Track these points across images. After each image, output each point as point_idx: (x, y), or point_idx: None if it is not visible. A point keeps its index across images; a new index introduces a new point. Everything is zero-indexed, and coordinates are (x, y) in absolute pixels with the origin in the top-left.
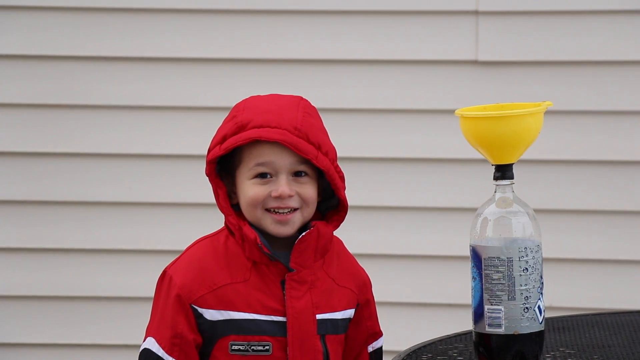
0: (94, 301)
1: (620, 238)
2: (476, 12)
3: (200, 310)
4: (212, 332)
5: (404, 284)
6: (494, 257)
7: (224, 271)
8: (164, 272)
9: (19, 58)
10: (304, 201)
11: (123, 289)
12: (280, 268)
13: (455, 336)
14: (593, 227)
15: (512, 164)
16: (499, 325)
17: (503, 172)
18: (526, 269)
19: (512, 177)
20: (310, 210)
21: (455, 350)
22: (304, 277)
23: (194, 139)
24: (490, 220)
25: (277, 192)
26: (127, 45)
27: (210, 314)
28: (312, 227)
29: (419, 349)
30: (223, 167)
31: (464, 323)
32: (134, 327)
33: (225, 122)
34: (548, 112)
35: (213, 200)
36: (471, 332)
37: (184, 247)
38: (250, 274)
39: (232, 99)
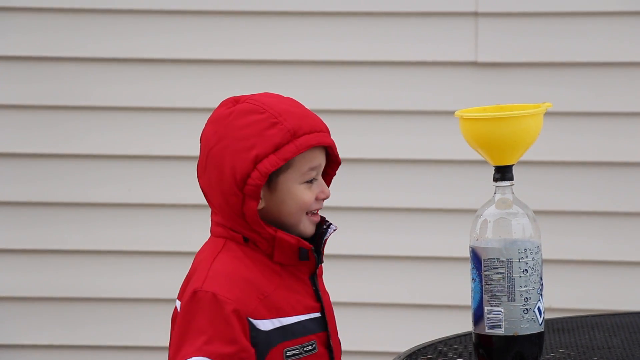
0: (93, 302)
1: (620, 239)
2: (476, 14)
3: (254, 322)
4: (265, 343)
5: (403, 285)
6: (494, 259)
7: (262, 279)
8: (201, 291)
9: (17, 59)
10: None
11: (122, 290)
12: (307, 265)
13: (454, 337)
14: (592, 228)
15: (512, 165)
16: (499, 327)
17: (503, 173)
18: (526, 270)
19: (511, 179)
20: None
21: (455, 352)
22: (320, 271)
23: (193, 141)
24: (490, 221)
25: (324, 194)
26: (125, 47)
27: (264, 324)
28: (329, 224)
29: (419, 350)
30: None
31: (464, 324)
32: (133, 329)
33: (264, 128)
34: (547, 113)
35: None
36: (471, 334)
37: (183, 249)
38: (282, 277)
39: None
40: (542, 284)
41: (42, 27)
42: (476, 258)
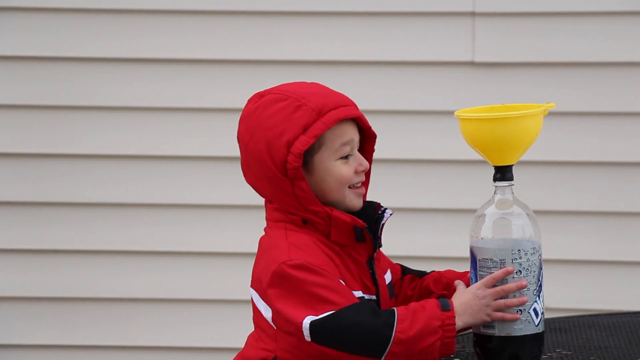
0: (90, 302)
1: (617, 239)
2: (473, 14)
3: (342, 283)
4: None
5: None
6: (487, 259)
7: (331, 252)
8: (290, 261)
9: (16, 59)
10: (367, 171)
11: (120, 290)
12: (365, 248)
13: None
14: (590, 228)
15: (512, 165)
16: (492, 327)
17: (503, 173)
18: (519, 271)
19: (511, 179)
20: None
21: None
22: (377, 255)
23: (191, 140)
24: (486, 221)
25: (362, 166)
26: (123, 47)
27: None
28: (383, 207)
29: None
30: None
31: None
32: (131, 329)
33: (290, 112)
34: (548, 113)
35: (210, 201)
36: (469, 333)
37: (181, 248)
38: (341, 257)
39: (230, 101)
40: (540, 285)
41: (38, 27)
42: (473, 257)
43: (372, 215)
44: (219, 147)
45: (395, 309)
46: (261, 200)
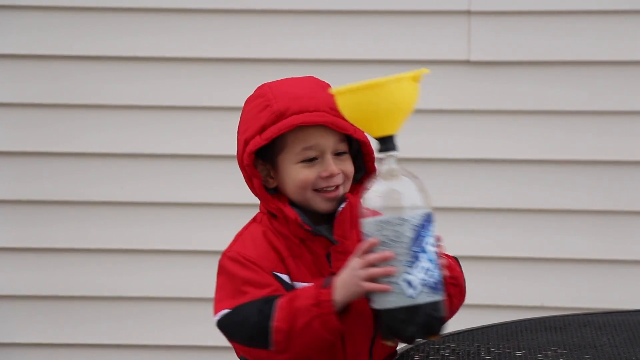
0: (87, 301)
1: (613, 238)
2: (468, 12)
3: (277, 274)
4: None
5: None
6: (364, 232)
7: (282, 245)
8: (226, 255)
9: (12, 57)
10: (346, 177)
11: (117, 288)
12: (324, 242)
13: (447, 335)
14: (585, 226)
15: (393, 135)
16: (372, 301)
17: (384, 144)
18: (384, 242)
19: (393, 149)
20: (349, 184)
21: (448, 350)
22: (347, 248)
23: (189, 139)
24: (366, 195)
25: (327, 172)
26: (120, 45)
27: (286, 278)
28: (346, 199)
29: (412, 348)
30: (257, 155)
31: (456, 322)
32: (127, 327)
33: (257, 111)
34: (541, 112)
35: (206, 199)
36: (464, 332)
37: (177, 247)
38: (300, 250)
39: (227, 99)
40: (414, 256)
41: (35, 25)
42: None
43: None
44: (216, 145)
45: (276, 299)
46: (257, 199)
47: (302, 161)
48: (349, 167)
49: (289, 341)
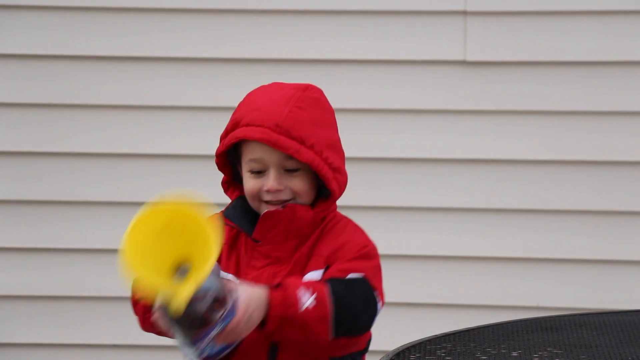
0: (82, 301)
1: (609, 238)
2: (464, 12)
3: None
4: None
5: (392, 283)
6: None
7: (226, 234)
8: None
9: (9, 57)
10: (295, 193)
11: (113, 288)
12: (248, 240)
13: (443, 336)
14: (581, 227)
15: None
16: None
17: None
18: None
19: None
20: (304, 200)
21: (444, 350)
22: (268, 252)
23: (183, 139)
24: None
25: (267, 186)
26: (116, 45)
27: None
28: (285, 206)
29: (407, 348)
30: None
31: (452, 323)
32: (122, 327)
33: (230, 119)
34: (538, 113)
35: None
36: (460, 332)
37: None
38: (239, 242)
39: (221, 99)
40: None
41: (33, 25)
42: None
43: None
44: (213, 145)
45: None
46: None
47: (250, 171)
48: (298, 184)
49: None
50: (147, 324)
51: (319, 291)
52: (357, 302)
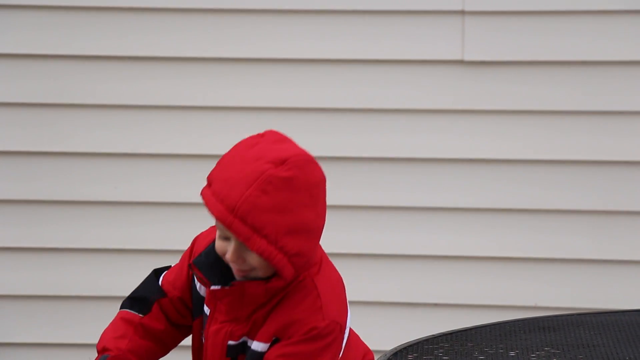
0: (79, 300)
1: (606, 238)
2: (462, 12)
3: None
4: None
5: (389, 283)
6: None
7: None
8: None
9: (6, 57)
10: (252, 268)
11: (113, 288)
12: (221, 290)
13: (441, 336)
14: (578, 227)
15: None
16: None
17: None
18: None
19: None
20: (261, 274)
21: (441, 350)
22: (226, 311)
23: (181, 139)
24: None
25: (227, 255)
26: (112, 45)
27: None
28: (233, 285)
29: (405, 348)
30: None
31: (450, 323)
32: None
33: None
34: (535, 112)
35: (199, 199)
36: (457, 332)
37: (170, 247)
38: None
39: (220, 99)
40: None
41: (28, 25)
42: None
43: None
44: (210, 145)
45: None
46: None
47: (218, 231)
48: (256, 259)
49: None
50: None
51: None
52: None
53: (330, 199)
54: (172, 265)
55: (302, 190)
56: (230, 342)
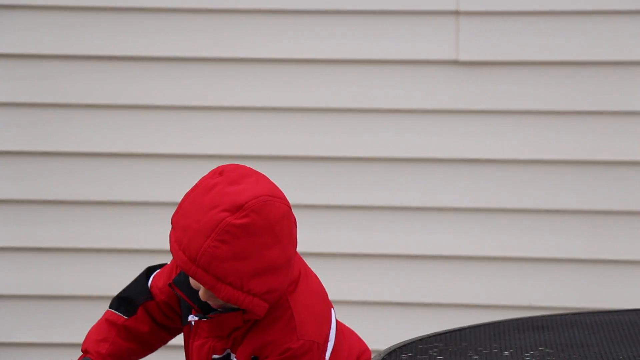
0: (76, 300)
1: (601, 238)
2: (457, 12)
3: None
4: None
5: (384, 283)
6: None
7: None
8: None
9: (5, 57)
10: (226, 302)
11: (112, 288)
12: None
13: (435, 335)
14: (573, 226)
15: None
16: None
17: None
18: None
19: None
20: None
21: (436, 350)
22: (208, 329)
23: (176, 139)
24: None
25: (199, 293)
26: (109, 45)
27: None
28: (211, 317)
29: (399, 348)
30: None
31: (445, 322)
32: None
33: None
34: (532, 112)
35: None
36: (451, 331)
37: (166, 247)
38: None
39: (216, 99)
40: None
41: (26, 25)
42: None
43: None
44: (206, 145)
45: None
46: None
47: None
48: (220, 300)
49: None
50: None
51: None
52: None
53: (326, 199)
54: (166, 264)
55: (262, 233)
56: (215, 356)
